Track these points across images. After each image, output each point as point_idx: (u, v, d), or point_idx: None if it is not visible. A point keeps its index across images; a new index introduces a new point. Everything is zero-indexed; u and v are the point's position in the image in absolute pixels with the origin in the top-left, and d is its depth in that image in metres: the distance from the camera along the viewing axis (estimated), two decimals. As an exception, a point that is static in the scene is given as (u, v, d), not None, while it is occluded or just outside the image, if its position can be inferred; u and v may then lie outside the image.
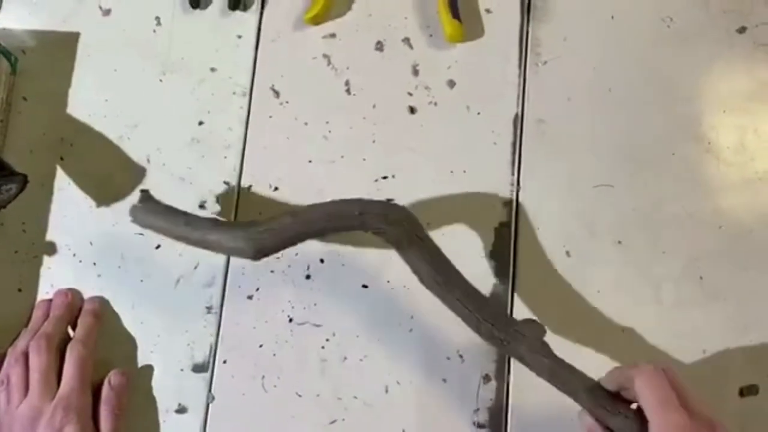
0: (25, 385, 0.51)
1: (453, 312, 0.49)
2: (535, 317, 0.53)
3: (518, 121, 0.58)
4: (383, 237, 0.49)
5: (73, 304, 0.55)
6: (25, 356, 0.52)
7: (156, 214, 0.51)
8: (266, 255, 0.49)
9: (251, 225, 0.49)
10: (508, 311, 0.54)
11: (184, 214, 0.51)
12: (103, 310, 0.55)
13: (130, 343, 0.55)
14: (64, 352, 0.52)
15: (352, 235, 0.56)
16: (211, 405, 0.54)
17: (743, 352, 0.54)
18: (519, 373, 0.54)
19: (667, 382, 0.43)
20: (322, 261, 0.56)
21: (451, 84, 0.59)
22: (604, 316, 0.54)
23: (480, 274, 0.54)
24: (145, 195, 0.52)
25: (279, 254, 0.55)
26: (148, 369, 0.55)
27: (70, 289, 0.56)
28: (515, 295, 0.55)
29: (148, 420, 0.54)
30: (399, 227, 0.48)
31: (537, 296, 0.55)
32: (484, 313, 0.48)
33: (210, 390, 0.54)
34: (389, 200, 0.56)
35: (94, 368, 0.53)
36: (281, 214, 0.49)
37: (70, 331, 0.54)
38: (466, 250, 0.55)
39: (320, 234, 0.49)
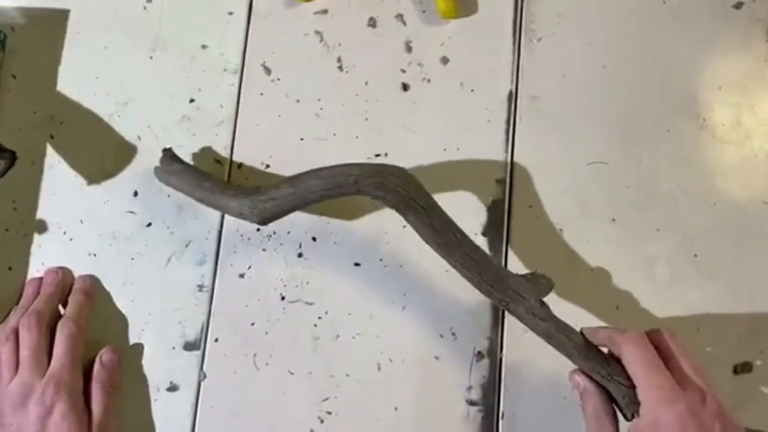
0: (15, 362, 0.50)
1: (458, 272, 0.49)
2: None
3: (512, 98, 0.57)
4: (383, 202, 0.49)
5: (63, 282, 0.54)
6: (15, 334, 0.51)
7: (176, 174, 0.53)
8: (271, 221, 0.51)
9: (255, 192, 0.51)
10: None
11: (202, 175, 0.53)
12: (94, 288, 0.55)
13: (121, 321, 0.55)
14: (55, 330, 0.52)
15: (344, 212, 0.56)
16: (202, 383, 0.54)
17: (737, 329, 0.54)
18: (512, 350, 0.53)
19: (651, 348, 0.44)
20: (314, 239, 0.56)
21: (445, 61, 0.58)
22: (598, 294, 0.54)
23: (473, 252, 0.54)
24: (168, 153, 0.54)
25: (271, 231, 0.55)
26: (140, 347, 0.55)
27: (60, 268, 0.55)
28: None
29: (140, 398, 0.54)
30: (395, 193, 0.48)
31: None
32: (484, 274, 0.48)
33: (201, 368, 0.54)
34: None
35: (85, 347, 0.52)
36: (282, 183, 0.50)
37: (60, 309, 0.54)
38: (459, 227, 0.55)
39: (319, 201, 0.50)
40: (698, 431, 0.40)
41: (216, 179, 0.54)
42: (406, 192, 0.48)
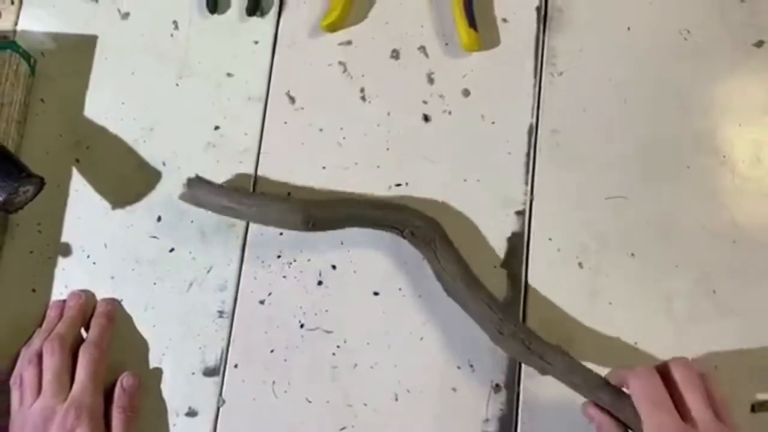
0: (38, 385, 0.51)
1: (473, 315, 0.51)
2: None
3: (533, 131, 0.58)
4: (417, 235, 0.52)
5: (86, 305, 0.55)
6: (39, 357, 0.52)
7: (208, 190, 0.55)
8: (314, 226, 0.53)
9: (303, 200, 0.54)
10: (520, 321, 0.54)
11: (234, 189, 0.56)
12: (117, 312, 0.56)
13: (142, 345, 0.56)
14: (77, 353, 0.52)
15: (364, 241, 0.56)
16: (221, 409, 0.54)
17: (755, 367, 0.53)
18: (529, 383, 0.54)
19: (658, 384, 0.44)
20: (334, 267, 0.56)
21: (466, 93, 0.59)
22: (617, 329, 0.54)
23: (492, 284, 0.54)
24: (196, 177, 0.56)
25: (291, 259, 0.56)
26: (159, 372, 0.55)
27: (83, 291, 0.56)
28: (527, 305, 0.55)
29: (159, 423, 0.54)
30: (435, 228, 0.52)
31: (549, 307, 0.55)
32: (506, 314, 0.50)
33: (221, 394, 0.55)
34: (402, 208, 0.56)
35: (106, 370, 0.53)
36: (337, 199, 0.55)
37: (83, 332, 0.55)
38: (478, 259, 0.55)
39: (364, 222, 0.53)
40: None
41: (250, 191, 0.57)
42: (441, 229, 0.54)
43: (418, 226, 0.52)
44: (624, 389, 0.48)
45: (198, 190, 0.55)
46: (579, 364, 0.48)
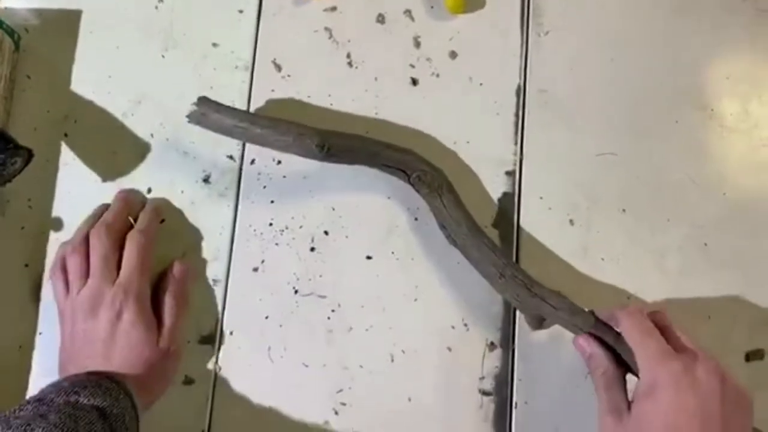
0: (86, 270, 0.51)
1: (476, 263, 0.51)
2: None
3: (521, 92, 0.58)
4: (424, 180, 0.52)
5: (133, 199, 0.55)
6: (86, 244, 0.52)
7: (218, 109, 0.53)
8: (328, 152, 0.52)
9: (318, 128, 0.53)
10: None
11: (245, 111, 0.55)
12: (166, 207, 0.56)
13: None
14: (124, 242, 0.52)
15: (356, 206, 0.56)
16: (218, 376, 0.54)
17: (748, 317, 0.54)
18: (524, 340, 0.54)
19: (646, 318, 0.46)
20: (326, 233, 0.56)
21: (453, 55, 0.59)
22: (609, 285, 0.55)
23: (484, 244, 0.54)
24: (204, 99, 0.54)
25: (284, 226, 0.56)
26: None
27: (132, 189, 0.56)
28: (519, 264, 0.55)
29: (156, 391, 0.54)
30: (441, 174, 0.53)
31: (541, 265, 0.55)
32: (508, 259, 0.50)
33: (217, 361, 0.55)
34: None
35: (152, 260, 0.53)
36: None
37: (132, 221, 0.54)
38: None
39: (375, 159, 0.53)
40: (692, 387, 0.41)
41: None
42: (446, 177, 0.54)
43: (425, 171, 0.52)
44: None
45: (207, 109, 0.53)
46: (579, 307, 0.48)
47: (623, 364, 0.47)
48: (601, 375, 0.47)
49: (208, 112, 0.53)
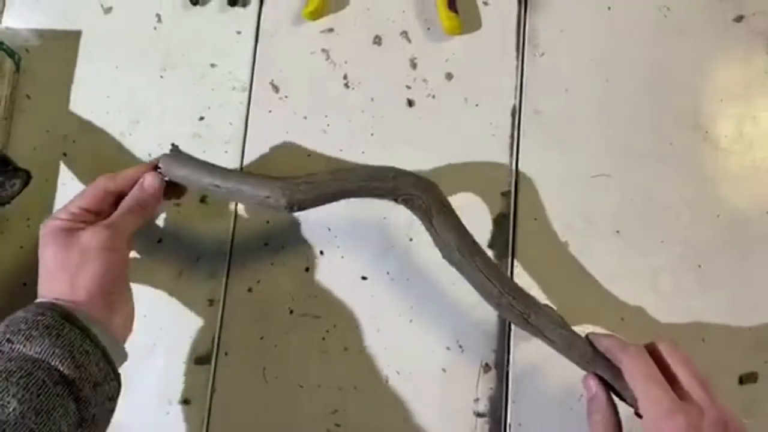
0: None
1: (473, 284, 0.49)
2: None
3: (516, 113, 0.58)
4: (412, 204, 0.50)
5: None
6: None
7: (186, 164, 0.51)
8: (299, 208, 0.49)
9: (287, 178, 0.50)
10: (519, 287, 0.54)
11: (215, 166, 0.51)
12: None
13: (133, 335, 0.56)
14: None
15: (351, 226, 0.56)
16: (213, 396, 0.55)
17: (742, 339, 0.54)
18: (519, 362, 0.54)
19: (651, 362, 0.44)
20: (321, 253, 0.57)
21: (449, 77, 0.59)
22: (603, 306, 0.55)
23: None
24: (175, 148, 0.53)
25: (280, 246, 0.56)
26: (152, 361, 0.55)
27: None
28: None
29: (152, 412, 0.55)
30: (430, 194, 0.49)
31: (536, 286, 0.55)
32: (505, 286, 0.48)
33: (213, 382, 0.55)
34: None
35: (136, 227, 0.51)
36: (318, 172, 0.50)
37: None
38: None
39: (354, 194, 0.50)
40: None
41: (231, 169, 0.53)
42: (438, 194, 0.50)
43: (411, 195, 0.49)
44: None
45: (176, 165, 0.51)
46: (576, 338, 0.48)
47: (619, 396, 0.47)
48: (599, 421, 0.46)
49: (175, 169, 0.51)
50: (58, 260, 0.46)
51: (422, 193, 0.49)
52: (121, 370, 0.48)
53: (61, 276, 0.46)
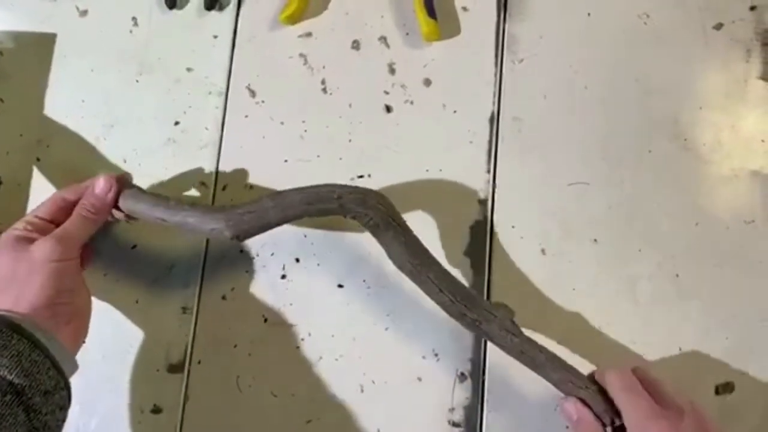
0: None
1: (428, 295, 0.49)
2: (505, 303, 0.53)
3: (494, 120, 0.58)
4: (360, 221, 0.49)
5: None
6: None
7: (136, 198, 0.51)
8: (246, 238, 0.50)
9: (231, 208, 0.49)
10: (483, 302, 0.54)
11: (164, 198, 0.51)
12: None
13: (105, 343, 0.55)
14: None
15: (327, 234, 0.56)
16: (186, 405, 0.54)
17: (719, 349, 0.54)
18: (494, 371, 0.54)
19: (631, 374, 0.47)
20: (297, 260, 0.56)
21: (428, 82, 0.59)
22: (580, 314, 0.54)
23: (455, 272, 0.54)
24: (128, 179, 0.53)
25: (254, 254, 0.56)
26: (124, 369, 0.55)
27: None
28: (490, 293, 0.55)
29: (123, 420, 0.54)
30: (376, 210, 0.49)
31: (512, 294, 0.55)
32: (456, 294, 0.48)
33: (185, 390, 0.54)
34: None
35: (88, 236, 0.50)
36: (261, 197, 0.49)
37: None
38: (441, 247, 0.55)
39: (299, 218, 0.49)
40: None
41: (179, 200, 0.52)
42: (385, 210, 0.49)
43: (359, 212, 0.49)
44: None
45: (131, 200, 0.51)
46: (532, 344, 0.48)
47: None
48: None
49: (128, 201, 0.51)
50: (7, 272, 0.46)
51: (368, 210, 0.49)
52: (92, 378, 0.47)
53: (8, 288, 0.46)
